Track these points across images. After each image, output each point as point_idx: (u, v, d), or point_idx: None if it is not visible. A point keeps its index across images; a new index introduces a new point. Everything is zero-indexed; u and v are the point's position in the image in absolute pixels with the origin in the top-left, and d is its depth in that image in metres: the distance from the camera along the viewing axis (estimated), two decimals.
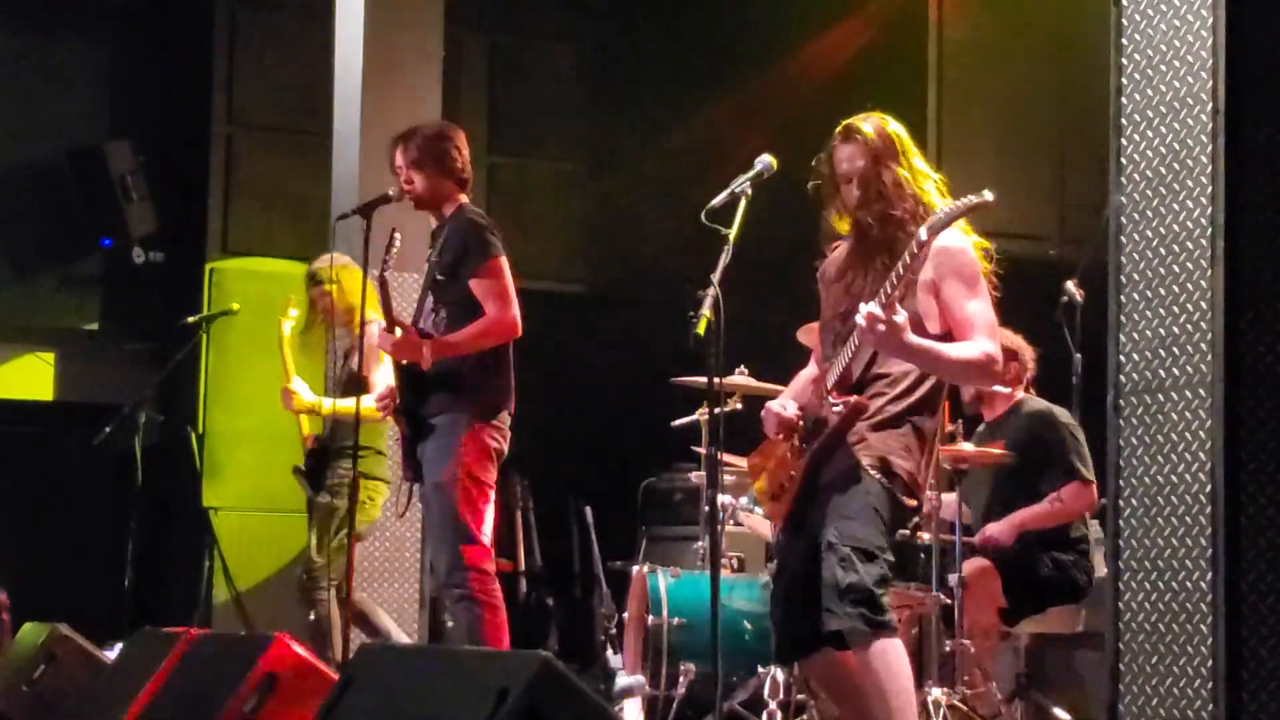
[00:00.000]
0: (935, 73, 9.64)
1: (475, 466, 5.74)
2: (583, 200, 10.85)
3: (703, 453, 7.18)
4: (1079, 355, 7.24)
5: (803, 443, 4.72)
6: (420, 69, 8.25)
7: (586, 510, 8.01)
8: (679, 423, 7.40)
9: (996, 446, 6.32)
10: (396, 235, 5.87)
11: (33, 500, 9.83)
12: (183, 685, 4.75)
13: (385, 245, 5.85)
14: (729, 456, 6.32)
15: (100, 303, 10.38)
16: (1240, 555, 3.76)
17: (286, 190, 10.15)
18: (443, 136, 6.01)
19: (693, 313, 4.48)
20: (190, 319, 8.15)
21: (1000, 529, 6.30)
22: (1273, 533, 3.77)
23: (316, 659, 4.62)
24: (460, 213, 5.95)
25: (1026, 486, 6.39)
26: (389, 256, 5.85)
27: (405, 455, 5.91)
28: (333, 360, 7.40)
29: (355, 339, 7.18)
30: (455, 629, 5.88)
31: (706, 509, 6.89)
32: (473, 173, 6.11)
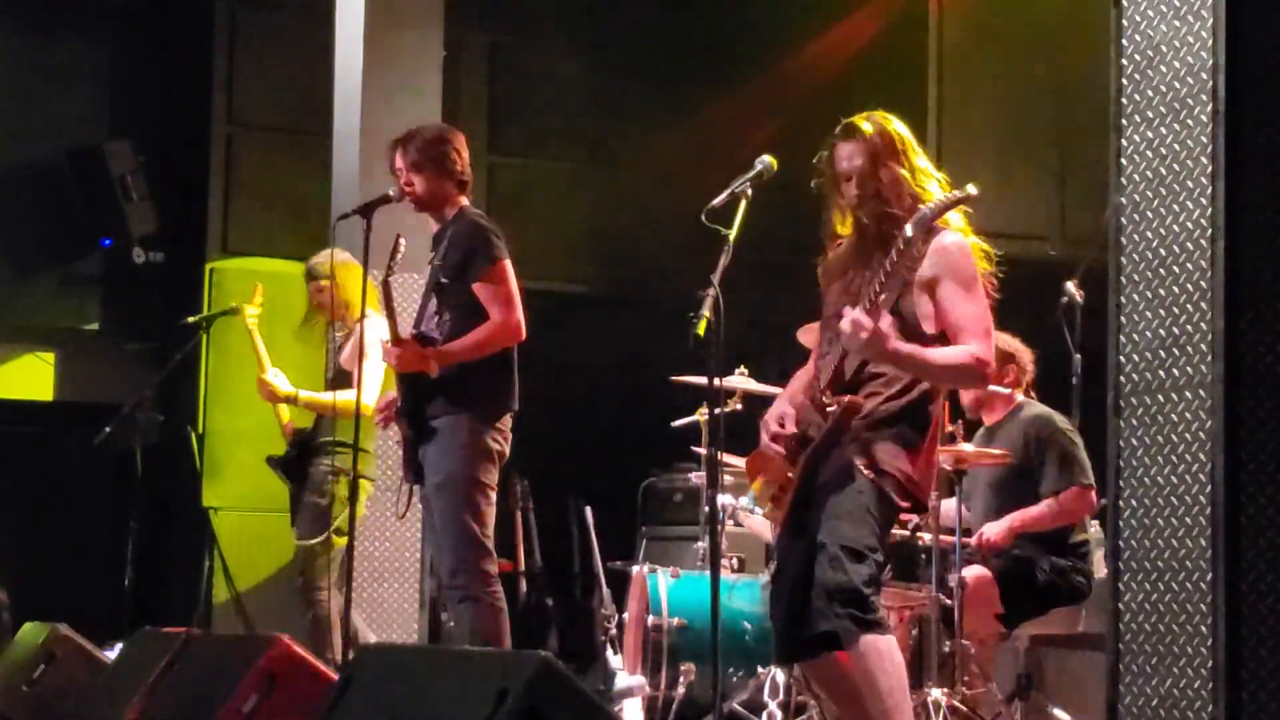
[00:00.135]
0: (935, 73, 9.64)
1: (478, 468, 5.75)
2: (583, 200, 10.84)
3: (703, 453, 7.18)
4: (1079, 355, 7.24)
5: (800, 444, 4.72)
6: (420, 69, 8.25)
7: (586, 510, 8.00)
8: (679, 423, 7.40)
9: (994, 450, 6.32)
10: (401, 240, 5.87)
11: (33, 500, 9.83)
12: (182, 685, 4.75)
13: (390, 250, 5.85)
14: (729, 457, 6.32)
15: (100, 303, 10.37)
16: (1240, 555, 3.76)
17: (286, 190, 10.14)
18: (442, 139, 6.01)
19: (692, 313, 4.48)
20: (190, 319, 8.14)
21: (997, 531, 6.30)
22: (1273, 533, 3.77)
23: (316, 659, 4.62)
24: (463, 215, 5.95)
25: (1025, 490, 6.38)
26: (394, 261, 5.85)
27: (406, 457, 5.90)
28: (332, 356, 7.40)
29: (349, 334, 7.18)
30: (457, 630, 5.88)
31: (706, 509, 6.89)
32: (472, 174, 6.11)
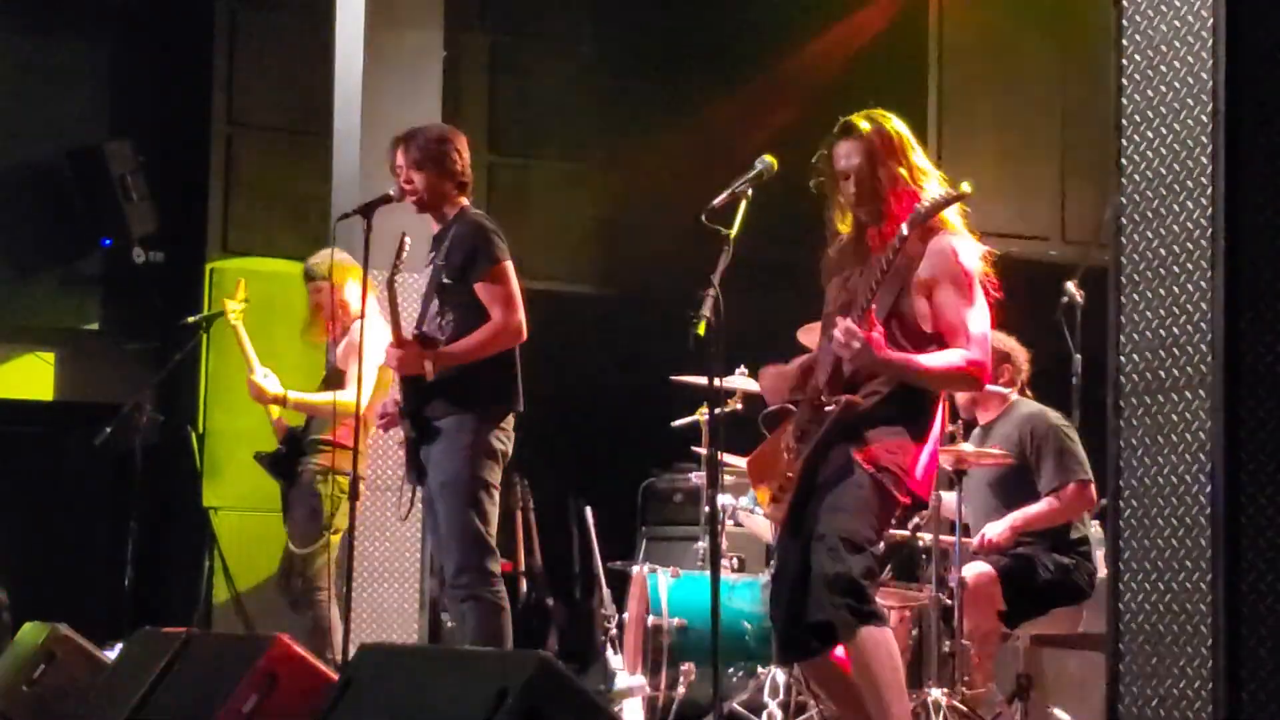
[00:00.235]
0: (935, 73, 9.64)
1: (482, 468, 5.76)
2: (582, 200, 10.84)
3: (703, 453, 7.18)
4: (1079, 355, 7.24)
5: (800, 443, 4.72)
6: (420, 69, 8.24)
7: (586, 510, 8.00)
8: (679, 423, 7.40)
9: (991, 449, 6.32)
10: (407, 240, 5.87)
11: (33, 500, 9.82)
12: (182, 685, 4.75)
13: (395, 250, 5.85)
14: (729, 457, 6.32)
15: (100, 302, 10.37)
16: (1240, 555, 3.75)
17: (287, 190, 10.14)
18: (444, 139, 6.02)
19: (692, 313, 4.48)
20: (190, 319, 8.14)
21: (998, 531, 6.30)
22: (1273, 533, 3.77)
23: (316, 659, 4.62)
24: (464, 216, 5.95)
25: (1023, 488, 6.38)
26: (399, 261, 5.85)
27: (409, 458, 5.90)
28: (330, 356, 7.40)
29: (343, 335, 7.19)
30: (459, 629, 5.88)
31: (706, 509, 6.89)
32: (473, 175, 6.11)
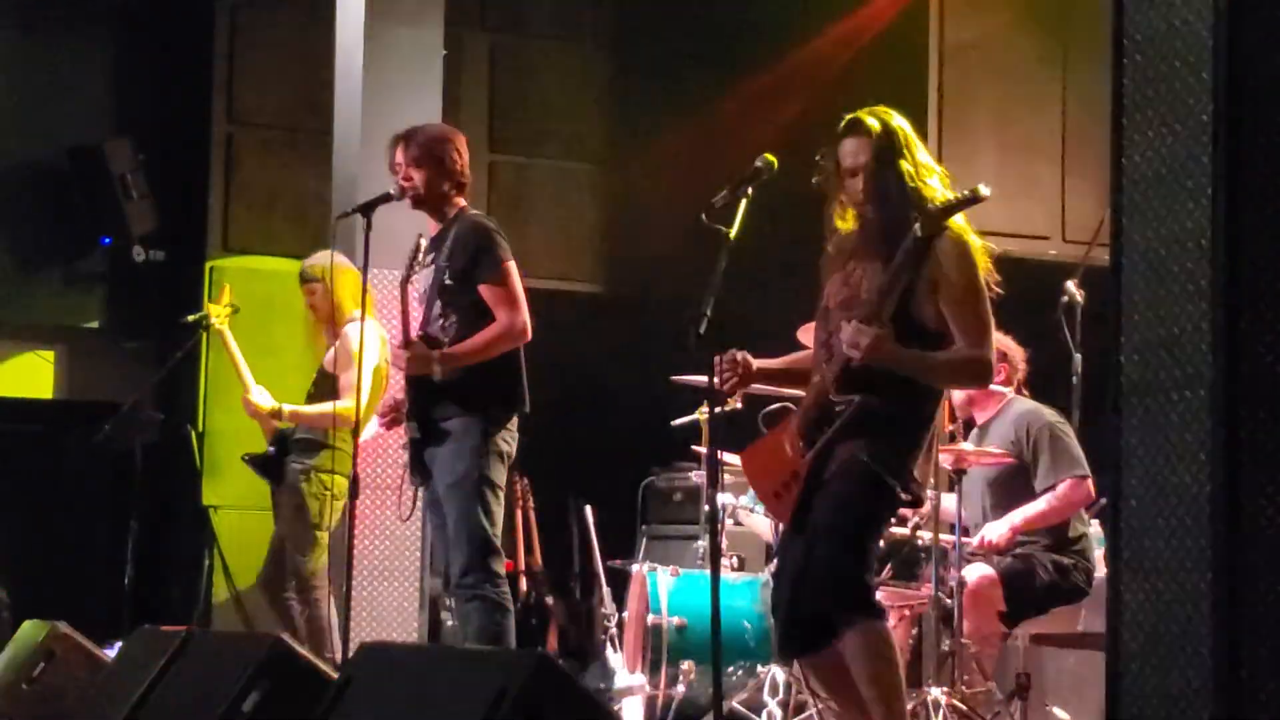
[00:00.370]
0: (935, 73, 9.64)
1: (489, 468, 5.77)
2: (583, 199, 10.84)
3: (703, 452, 7.18)
4: (1079, 355, 7.24)
5: (805, 440, 4.72)
6: (420, 68, 8.24)
7: (586, 509, 8.00)
8: (679, 422, 7.39)
9: (989, 448, 6.32)
10: (422, 242, 5.88)
11: (33, 498, 9.82)
12: (182, 684, 4.75)
13: (411, 252, 5.86)
14: (729, 456, 6.32)
15: (100, 301, 10.36)
16: (1240, 556, 3.75)
17: (287, 189, 10.14)
18: (445, 138, 6.03)
19: (692, 312, 4.48)
20: (190, 317, 8.13)
21: (997, 531, 6.30)
22: (1273, 533, 3.76)
23: (315, 658, 4.62)
24: (464, 216, 5.95)
25: (1021, 487, 6.38)
26: (415, 262, 5.86)
27: (413, 459, 5.89)
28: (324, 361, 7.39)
29: (335, 338, 7.19)
30: (460, 629, 5.88)
31: (706, 508, 6.89)
32: (473, 174, 6.11)
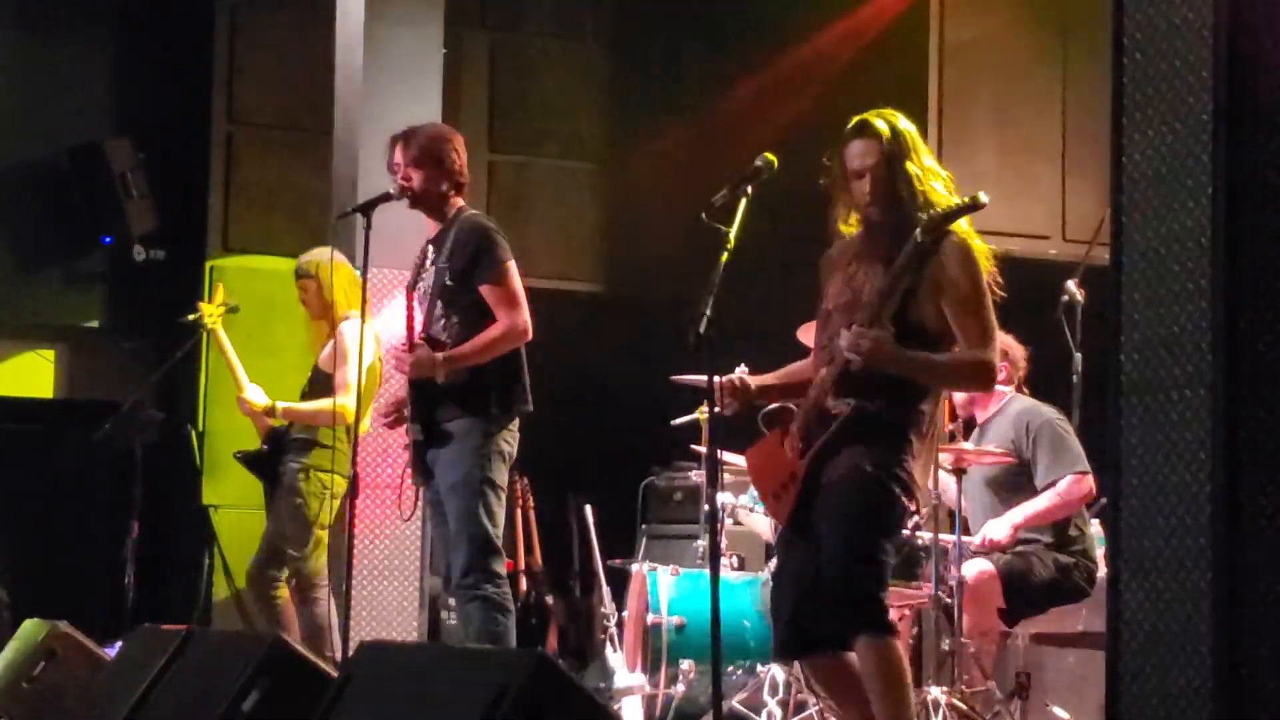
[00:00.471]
0: (935, 73, 9.64)
1: (491, 469, 5.77)
2: (582, 199, 10.84)
3: (702, 451, 7.18)
4: (1079, 355, 7.24)
5: (804, 442, 4.72)
6: (420, 68, 8.24)
7: (586, 508, 8.00)
8: (679, 421, 7.39)
9: (990, 447, 6.33)
10: (430, 249, 5.89)
11: (32, 498, 9.82)
12: (182, 683, 4.75)
13: (418, 257, 5.86)
14: (729, 455, 6.32)
15: (101, 300, 10.36)
16: (1240, 555, 3.75)
17: (286, 188, 10.14)
18: (443, 138, 6.03)
19: (692, 311, 4.48)
20: (190, 316, 8.14)
21: (999, 529, 6.30)
22: (1273, 533, 3.76)
23: (315, 657, 4.62)
24: (464, 216, 5.95)
25: (1021, 485, 6.39)
26: (422, 269, 5.86)
27: (415, 459, 5.89)
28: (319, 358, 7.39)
29: (328, 335, 7.20)
30: (461, 629, 5.88)
31: (706, 508, 6.89)
32: (473, 173, 6.11)
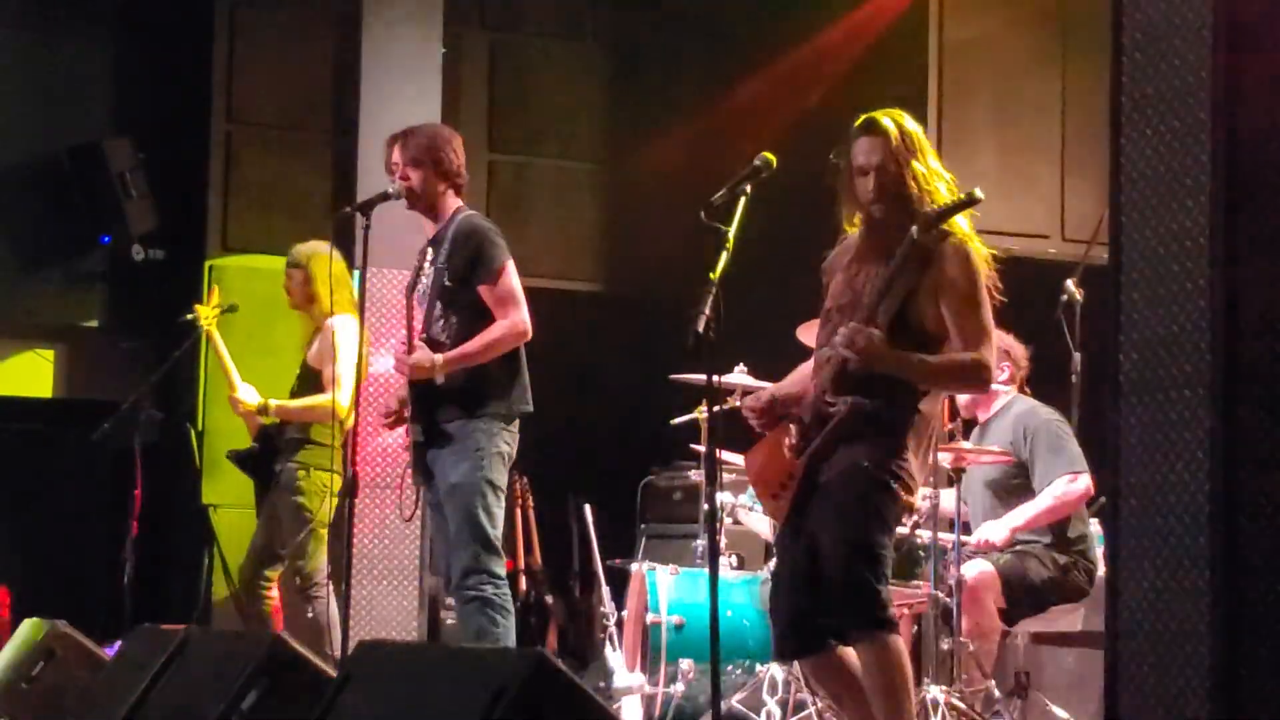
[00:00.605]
0: (935, 73, 9.63)
1: (491, 470, 5.78)
2: (582, 199, 10.84)
3: (702, 451, 7.17)
4: (1079, 355, 7.24)
5: (802, 440, 4.72)
6: (420, 67, 8.24)
7: (586, 508, 7.99)
8: (678, 420, 7.39)
9: (990, 447, 6.33)
10: (429, 248, 5.89)
11: (32, 498, 9.82)
12: (181, 682, 4.75)
13: (418, 259, 5.86)
14: (728, 455, 6.32)
15: (100, 300, 10.36)
16: (1240, 555, 3.75)
17: (286, 188, 10.14)
18: (442, 138, 6.04)
19: (692, 311, 4.48)
20: (189, 315, 8.13)
21: (996, 530, 6.30)
22: (1273, 533, 3.76)
23: (314, 657, 4.62)
24: (463, 217, 5.95)
25: (1020, 485, 6.39)
26: (421, 271, 5.86)
27: (415, 460, 5.89)
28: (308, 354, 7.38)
29: (315, 330, 7.19)
30: (460, 628, 5.88)
31: (705, 507, 6.89)
32: (472, 173, 6.12)
